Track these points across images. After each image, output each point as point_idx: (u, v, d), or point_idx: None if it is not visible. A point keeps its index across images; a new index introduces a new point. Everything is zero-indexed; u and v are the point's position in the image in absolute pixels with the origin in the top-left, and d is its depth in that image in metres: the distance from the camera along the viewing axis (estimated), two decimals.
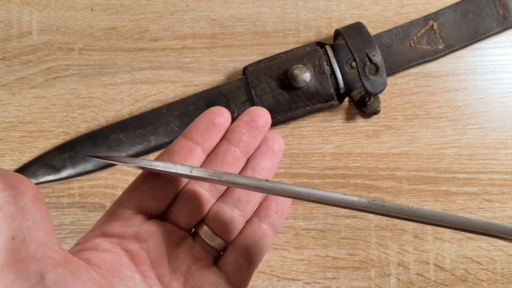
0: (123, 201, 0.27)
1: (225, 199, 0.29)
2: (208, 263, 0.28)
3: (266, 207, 0.30)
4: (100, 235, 0.26)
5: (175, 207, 0.28)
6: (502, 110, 0.42)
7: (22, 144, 0.42)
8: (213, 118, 0.29)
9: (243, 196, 0.29)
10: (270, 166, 0.30)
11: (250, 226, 0.29)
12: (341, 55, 0.40)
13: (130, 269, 0.25)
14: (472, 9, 0.42)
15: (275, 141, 0.31)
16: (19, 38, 0.43)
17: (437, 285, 0.40)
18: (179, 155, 0.28)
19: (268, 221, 0.29)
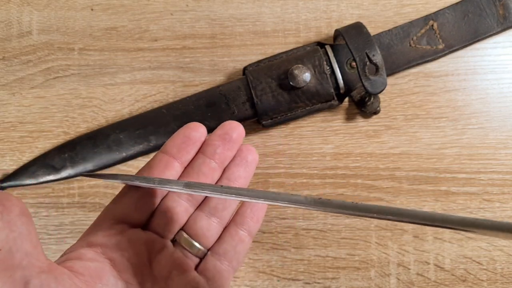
0: (107, 213, 0.30)
1: (202, 208, 0.31)
2: (188, 269, 0.29)
3: (242, 214, 0.32)
4: (85, 246, 0.28)
5: (156, 217, 0.30)
6: (502, 110, 0.42)
7: (22, 144, 0.42)
8: (189, 133, 0.31)
9: (219, 204, 0.31)
10: (245, 175, 0.32)
11: (228, 232, 0.31)
12: (341, 55, 0.40)
13: (112, 276, 0.26)
14: (472, 9, 0.42)
15: (248, 152, 0.33)
16: (19, 38, 0.43)
17: (437, 285, 0.40)
18: (158, 169, 0.30)
19: (244, 227, 0.31)
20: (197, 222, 0.31)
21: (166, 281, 0.28)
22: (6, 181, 0.40)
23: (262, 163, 0.41)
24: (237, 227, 0.31)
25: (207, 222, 0.31)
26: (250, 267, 0.40)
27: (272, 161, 0.41)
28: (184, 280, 0.29)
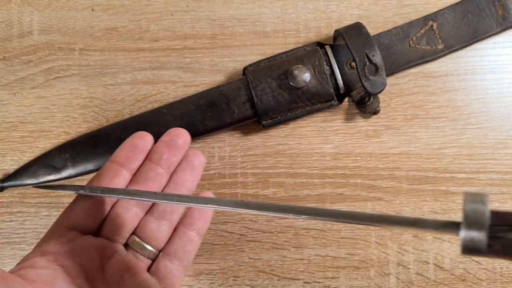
0: (59, 221, 0.31)
1: (152, 212, 0.33)
2: (140, 271, 0.30)
3: (190, 216, 0.33)
4: (38, 254, 0.28)
5: (107, 223, 0.32)
6: (501, 110, 0.42)
7: (22, 144, 0.42)
8: (136, 142, 0.33)
9: (168, 207, 0.32)
10: (191, 179, 0.34)
11: (177, 233, 0.32)
12: (341, 56, 0.40)
13: (65, 282, 0.27)
14: (472, 10, 0.42)
15: (195, 157, 0.34)
16: (20, 38, 0.43)
17: (437, 285, 0.40)
18: (107, 177, 0.32)
19: (193, 228, 0.32)
20: (147, 225, 0.32)
21: (119, 285, 0.29)
22: (7, 181, 0.40)
23: (262, 163, 0.41)
24: (185, 228, 0.32)
25: (157, 225, 0.32)
26: (250, 266, 0.40)
27: (272, 161, 0.41)
28: (136, 281, 0.30)
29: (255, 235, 0.41)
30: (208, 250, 0.40)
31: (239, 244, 0.41)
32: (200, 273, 0.40)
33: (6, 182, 0.40)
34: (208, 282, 0.40)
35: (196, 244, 0.33)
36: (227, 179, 0.41)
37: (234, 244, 0.41)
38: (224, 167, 0.41)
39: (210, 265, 0.40)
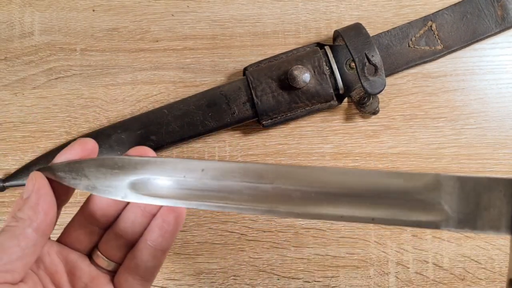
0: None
1: (113, 229, 0.31)
2: (104, 282, 0.30)
3: (152, 231, 0.30)
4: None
5: (72, 231, 0.30)
6: (500, 110, 0.42)
7: (24, 144, 0.42)
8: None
9: (128, 227, 0.30)
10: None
11: (138, 248, 0.30)
12: (341, 56, 0.40)
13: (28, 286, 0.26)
14: (471, 10, 0.42)
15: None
16: (21, 38, 0.43)
17: (436, 284, 0.40)
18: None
19: (154, 243, 0.30)
20: (110, 239, 0.31)
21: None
22: (8, 181, 0.41)
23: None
24: (147, 243, 0.30)
25: (118, 242, 0.31)
26: (250, 265, 0.40)
27: (272, 161, 0.42)
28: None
29: (255, 235, 0.41)
30: (208, 250, 0.41)
31: (239, 244, 0.41)
32: (200, 272, 0.40)
33: (8, 181, 0.41)
34: (208, 281, 0.40)
35: (160, 259, 0.30)
36: None
37: (234, 243, 0.41)
38: None
39: (211, 264, 0.41)
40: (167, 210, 0.30)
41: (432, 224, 0.22)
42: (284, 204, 0.24)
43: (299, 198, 0.24)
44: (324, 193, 0.24)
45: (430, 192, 0.22)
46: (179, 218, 0.30)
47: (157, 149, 0.41)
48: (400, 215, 0.23)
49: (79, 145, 0.29)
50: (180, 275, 0.41)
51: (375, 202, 0.23)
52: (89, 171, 0.27)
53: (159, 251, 0.30)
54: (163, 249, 0.30)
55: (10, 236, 0.25)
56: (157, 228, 0.30)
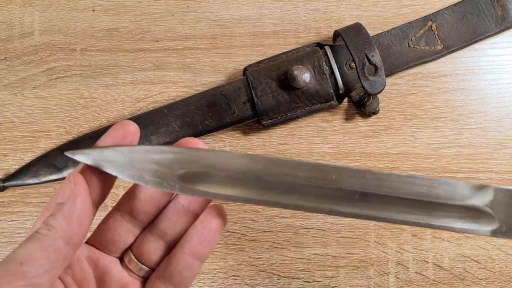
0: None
1: (151, 229, 0.29)
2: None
3: (190, 238, 0.28)
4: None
5: (105, 231, 0.28)
6: (500, 110, 0.42)
7: (24, 144, 0.42)
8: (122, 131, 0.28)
9: (168, 227, 0.29)
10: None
11: (174, 256, 0.28)
12: (341, 56, 0.40)
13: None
14: (471, 10, 0.42)
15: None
16: (21, 38, 0.43)
17: (436, 284, 0.40)
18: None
19: (192, 252, 0.28)
20: (144, 243, 0.29)
21: None
22: (8, 181, 0.41)
23: None
24: (184, 251, 0.28)
25: (154, 244, 0.29)
26: (250, 265, 0.40)
27: None
28: None
29: (255, 234, 0.41)
30: None
31: (239, 243, 0.41)
32: (200, 272, 0.40)
33: (8, 181, 0.41)
34: (208, 281, 0.40)
35: (196, 269, 0.28)
36: None
37: (235, 243, 0.41)
38: None
39: (211, 264, 0.41)
40: (209, 215, 0.28)
41: (477, 231, 0.23)
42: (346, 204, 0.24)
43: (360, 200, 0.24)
44: (384, 196, 0.24)
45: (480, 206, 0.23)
46: (220, 225, 0.28)
47: None
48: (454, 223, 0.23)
49: (122, 127, 0.26)
50: None
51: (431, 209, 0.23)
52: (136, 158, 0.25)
53: (197, 261, 0.28)
54: (201, 258, 0.28)
55: (40, 246, 0.23)
56: (196, 235, 0.28)
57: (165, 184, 0.25)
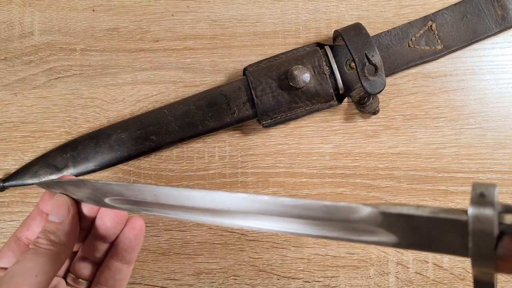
0: (15, 233, 0.32)
1: (84, 248, 0.34)
2: None
3: (116, 246, 0.34)
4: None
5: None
6: (500, 110, 0.42)
7: (24, 144, 0.42)
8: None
9: (98, 244, 0.33)
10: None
11: (106, 264, 0.33)
12: (341, 56, 0.40)
13: None
14: (471, 10, 0.42)
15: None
16: (21, 38, 0.43)
17: (436, 284, 0.40)
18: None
19: (119, 258, 0.33)
20: (80, 262, 0.34)
21: None
22: (8, 181, 0.41)
23: (262, 163, 0.42)
24: (112, 259, 0.33)
25: (88, 260, 0.34)
26: (250, 265, 0.40)
27: (272, 161, 0.42)
28: None
29: (255, 234, 0.41)
30: (208, 249, 0.41)
31: (239, 243, 0.41)
32: (200, 272, 0.40)
33: (7, 181, 0.41)
34: (208, 281, 0.40)
35: (126, 271, 0.34)
36: (228, 179, 0.41)
37: (234, 243, 0.41)
38: (225, 166, 0.42)
39: (211, 264, 0.41)
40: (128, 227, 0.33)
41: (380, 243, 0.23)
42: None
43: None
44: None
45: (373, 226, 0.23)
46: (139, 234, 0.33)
47: (157, 149, 0.41)
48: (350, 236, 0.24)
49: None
50: (180, 275, 0.41)
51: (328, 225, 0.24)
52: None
53: (125, 265, 0.33)
54: (128, 262, 0.33)
55: (49, 260, 0.28)
56: (121, 244, 0.33)
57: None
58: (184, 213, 0.28)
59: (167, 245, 0.41)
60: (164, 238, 0.41)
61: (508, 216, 0.19)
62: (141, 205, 0.29)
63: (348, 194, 0.41)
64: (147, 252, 0.41)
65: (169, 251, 0.41)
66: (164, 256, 0.41)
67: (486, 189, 0.19)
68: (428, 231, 0.21)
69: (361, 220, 0.23)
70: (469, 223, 0.19)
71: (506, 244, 0.19)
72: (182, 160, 0.42)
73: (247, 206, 0.25)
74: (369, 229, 0.23)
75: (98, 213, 0.33)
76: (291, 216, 0.24)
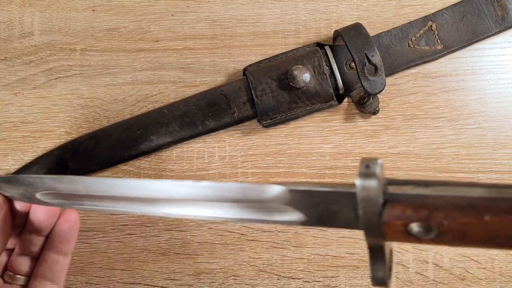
0: None
1: (20, 244, 0.34)
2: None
3: (51, 239, 0.34)
4: None
5: None
6: (500, 110, 0.42)
7: (24, 144, 0.42)
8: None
9: (34, 239, 0.34)
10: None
11: (43, 257, 0.34)
12: (341, 56, 0.40)
13: None
14: (471, 10, 0.42)
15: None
16: (21, 38, 0.43)
17: (436, 284, 0.40)
18: None
19: (55, 250, 0.34)
20: (15, 258, 0.34)
21: None
22: None
23: (262, 163, 0.42)
24: (48, 252, 0.34)
25: (24, 256, 0.35)
26: (250, 265, 0.40)
27: (272, 161, 0.42)
28: None
29: (255, 234, 0.41)
30: (208, 249, 0.41)
31: (239, 243, 0.41)
32: (200, 272, 0.40)
33: None
34: (208, 281, 0.40)
35: (63, 263, 0.34)
36: (228, 179, 0.41)
37: (234, 243, 0.41)
38: (225, 166, 0.42)
39: (211, 264, 0.41)
40: (62, 220, 0.34)
41: (291, 223, 0.25)
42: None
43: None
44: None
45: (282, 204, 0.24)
46: (74, 225, 0.34)
47: (157, 149, 0.41)
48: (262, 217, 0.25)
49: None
50: (180, 275, 0.41)
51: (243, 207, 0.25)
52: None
53: (61, 256, 0.34)
54: (64, 254, 0.34)
55: None
56: (56, 236, 0.34)
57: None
58: (113, 203, 0.28)
59: (167, 245, 0.41)
60: (164, 238, 0.41)
61: (391, 187, 0.22)
62: (73, 198, 0.29)
63: None
64: (147, 252, 0.41)
65: (169, 251, 0.41)
66: (164, 256, 0.41)
67: (371, 162, 0.21)
68: (327, 206, 0.23)
69: (272, 199, 0.24)
70: (357, 193, 0.21)
71: (389, 211, 0.21)
72: (182, 160, 0.42)
73: (173, 192, 0.26)
74: (280, 208, 0.24)
75: (31, 208, 0.33)
76: (213, 200, 0.26)
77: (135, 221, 0.41)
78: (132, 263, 0.41)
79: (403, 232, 0.21)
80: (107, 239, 0.41)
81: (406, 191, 0.21)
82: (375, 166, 0.21)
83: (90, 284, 0.40)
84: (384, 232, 0.22)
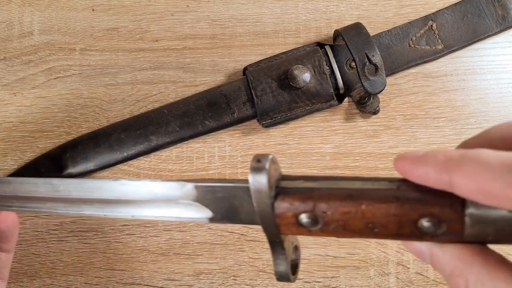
0: None
1: None
2: None
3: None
4: None
5: None
6: (501, 110, 0.42)
7: (23, 144, 0.42)
8: None
9: None
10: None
11: None
12: (341, 56, 0.40)
13: None
14: (471, 10, 0.42)
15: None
16: (20, 38, 0.43)
17: (436, 284, 0.40)
18: None
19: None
20: None
21: None
22: None
23: None
24: None
25: None
26: (250, 266, 0.40)
27: None
28: None
29: (255, 235, 0.41)
30: (208, 250, 0.41)
31: (239, 244, 0.41)
32: (200, 273, 0.40)
33: None
34: (208, 282, 0.40)
35: (6, 259, 0.35)
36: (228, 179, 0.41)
37: (234, 244, 0.41)
38: (225, 166, 0.42)
39: (210, 264, 0.40)
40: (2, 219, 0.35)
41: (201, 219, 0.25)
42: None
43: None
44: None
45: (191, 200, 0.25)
46: (13, 224, 0.35)
47: (157, 149, 0.41)
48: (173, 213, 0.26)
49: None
50: (179, 275, 0.40)
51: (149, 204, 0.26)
52: None
53: (3, 254, 0.35)
54: (6, 251, 0.35)
55: None
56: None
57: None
58: (39, 204, 0.29)
59: (167, 245, 0.41)
60: (164, 238, 0.41)
61: (284, 182, 0.23)
62: (2, 200, 0.30)
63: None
64: (146, 253, 0.41)
65: (168, 252, 0.41)
66: (163, 257, 0.41)
67: (262, 157, 0.22)
68: (231, 202, 0.24)
69: (181, 196, 0.25)
70: (250, 186, 0.22)
71: (280, 203, 0.22)
72: (181, 160, 0.42)
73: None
74: (190, 205, 0.25)
75: None
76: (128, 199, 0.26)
77: (134, 221, 0.41)
78: (132, 263, 0.41)
79: (295, 224, 0.22)
80: (106, 239, 0.41)
81: (296, 185, 0.22)
82: (266, 160, 0.22)
83: (89, 284, 0.40)
84: (278, 224, 0.23)
